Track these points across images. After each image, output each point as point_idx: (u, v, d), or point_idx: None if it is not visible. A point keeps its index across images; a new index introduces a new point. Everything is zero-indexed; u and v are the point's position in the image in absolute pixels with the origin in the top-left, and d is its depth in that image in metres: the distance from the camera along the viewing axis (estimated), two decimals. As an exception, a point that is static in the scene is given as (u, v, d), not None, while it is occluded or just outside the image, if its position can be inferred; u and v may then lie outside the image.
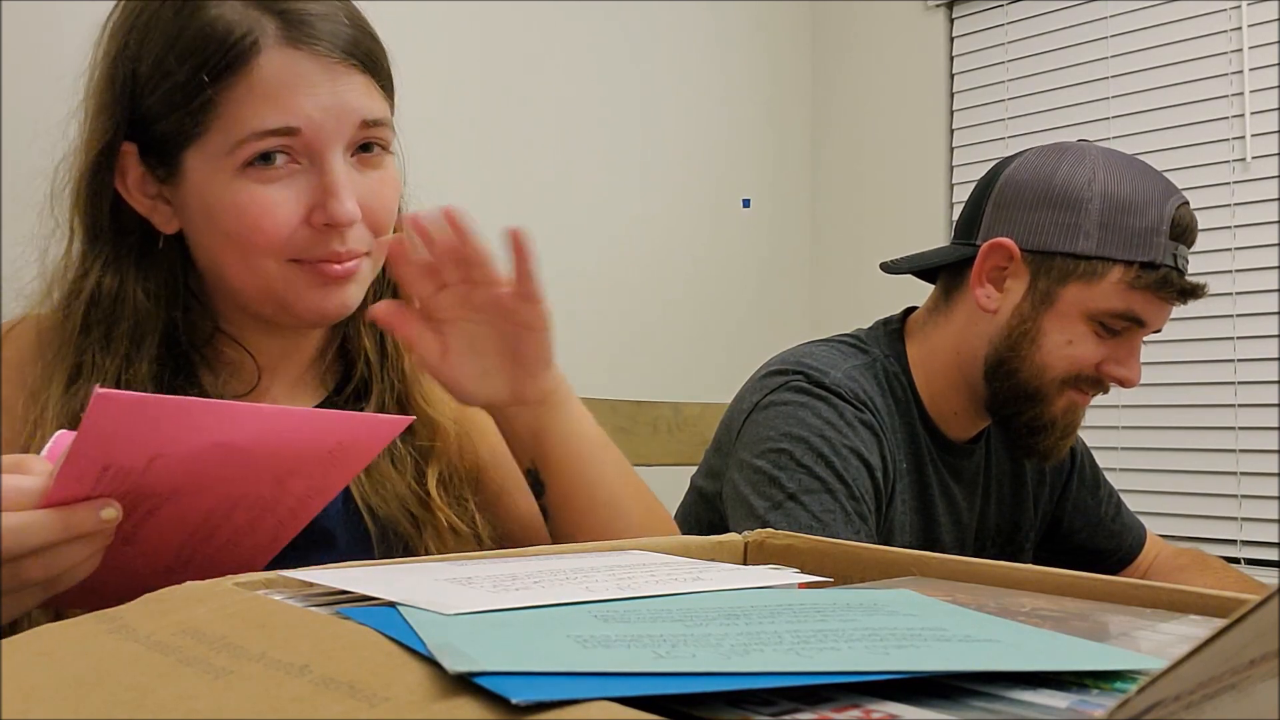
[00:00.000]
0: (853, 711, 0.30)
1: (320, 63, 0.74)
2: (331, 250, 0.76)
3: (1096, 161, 1.12)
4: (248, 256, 0.76)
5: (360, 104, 0.76)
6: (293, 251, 0.76)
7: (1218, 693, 0.24)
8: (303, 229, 0.75)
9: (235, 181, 0.74)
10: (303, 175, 0.75)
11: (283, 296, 0.77)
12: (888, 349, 1.21)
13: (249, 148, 0.73)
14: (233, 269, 0.77)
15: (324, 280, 0.77)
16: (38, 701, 0.32)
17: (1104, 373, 1.13)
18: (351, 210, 0.75)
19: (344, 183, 0.75)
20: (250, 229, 0.74)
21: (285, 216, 0.74)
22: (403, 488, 0.82)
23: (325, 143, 0.74)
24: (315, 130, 0.74)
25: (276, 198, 0.74)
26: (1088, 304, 1.10)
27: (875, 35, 2.65)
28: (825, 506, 1.04)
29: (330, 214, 0.74)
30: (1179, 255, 1.09)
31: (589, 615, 0.39)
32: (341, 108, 0.75)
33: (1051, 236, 1.11)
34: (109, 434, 0.52)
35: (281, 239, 0.75)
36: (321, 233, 0.75)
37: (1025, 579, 0.51)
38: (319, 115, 0.74)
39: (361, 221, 0.77)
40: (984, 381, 1.16)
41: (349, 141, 0.76)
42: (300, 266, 0.76)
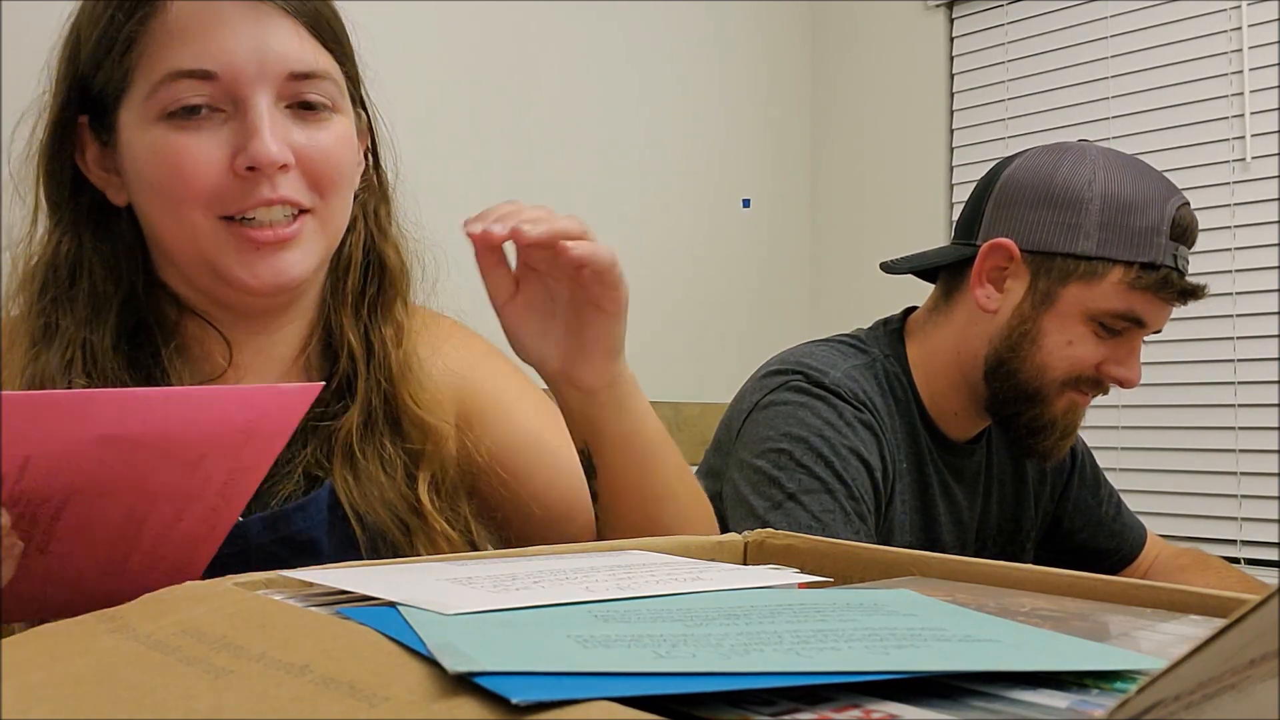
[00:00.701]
0: (853, 711, 0.30)
1: (240, 4, 0.71)
2: (261, 196, 0.71)
3: (1097, 162, 1.12)
4: (176, 210, 0.72)
5: (286, 50, 0.72)
6: (220, 205, 0.71)
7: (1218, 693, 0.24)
8: (228, 178, 0.71)
9: (156, 129, 0.71)
10: (226, 123, 0.71)
11: (214, 261, 0.73)
12: (888, 349, 1.21)
13: (166, 91, 0.70)
14: (166, 229, 0.74)
15: (254, 245, 0.72)
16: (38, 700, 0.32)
17: (1104, 373, 1.13)
18: (276, 152, 0.70)
19: (267, 124, 0.71)
20: (170, 175, 0.71)
21: (206, 162, 0.70)
22: (392, 493, 0.78)
23: (246, 86, 0.71)
24: (234, 74, 0.70)
25: (197, 144, 0.71)
26: (1088, 304, 1.10)
27: (875, 35, 2.65)
28: (825, 506, 1.05)
29: (251, 154, 0.70)
30: (1179, 256, 1.09)
31: (589, 615, 0.39)
32: (264, 52, 0.71)
33: (1052, 237, 1.11)
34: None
35: (205, 188, 0.71)
36: (246, 179, 0.71)
37: (1025, 579, 0.51)
38: (237, 58, 0.70)
39: (298, 171, 0.73)
40: (984, 382, 1.16)
41: (278, 92, 0.72)
42: (230, 228, 0.72)
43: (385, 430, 0.80)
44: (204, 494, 0.58)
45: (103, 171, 0.77)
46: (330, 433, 0.79)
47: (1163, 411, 2.15)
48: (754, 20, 2.63)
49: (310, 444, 0.78)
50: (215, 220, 0.72)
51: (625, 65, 2.36)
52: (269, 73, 0.72)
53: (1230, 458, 2.06)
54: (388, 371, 0.82)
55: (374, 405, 0.81)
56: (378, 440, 0.80)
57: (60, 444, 0.51)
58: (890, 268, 1.26)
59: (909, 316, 1.26)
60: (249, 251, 0.72)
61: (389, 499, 0.78)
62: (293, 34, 0.73)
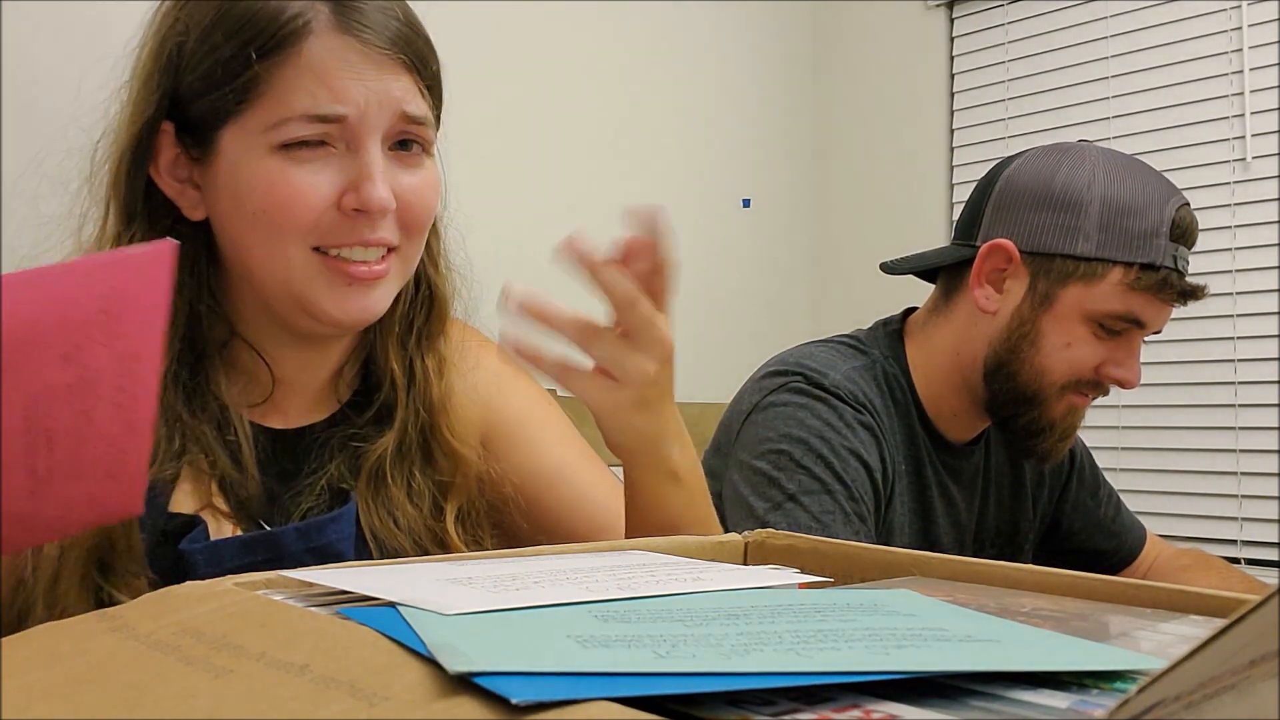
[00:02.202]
0: (853, 711, 0.30)
1: (368, 52, 0.73)
2: (360, 235, 0.73)
3: (1096, 163, 1.12)
4: (273, 239, 0.73)
5: (403, 96, 0.75)
6: (318, 237, 0.73)
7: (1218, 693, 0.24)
8: (331, 213, 0.73)
9: (269, 160, 0.73)
10: (337, 159, 0.73)
11: (302, 292, 0.74)
12: (887, 350, 1.21)
13: (291, 128, 0.72)
14: (256, 254, 0.75)
15: (347, 280, 0.74)
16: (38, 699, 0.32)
17: (1103, 374, 1.12)
18: (385, 197, 0.73)
19: (380, 169, 0.73)
20: (278, 207, 0.72)
21: (315, 197, 0.72)
22: (418, 523, 0.79)
23: (366, 130, 0.73)
24: (359, 117, 0.73)
25: (309, 179, 0.72)
26: (1087, 305, 1.10)
27: (875, 35, 2.65)
28: (824, 507, 1.04)
29: (363, 197, 0.72)
30: (1179, 257, 1.09)
31: (589, 615, 0.39)
32: (385, 97, 0.74)
33: (1051, 238, 1.11)
34: None
35: (309, 220, 0.72)
36: (350, 218, 0.73)
37: (1025, 579, 0.51)
38: (364, 104, 0.73)
39: (394, 215, 0.75)
40: (983, 383, 1.16)
41: (388, 131, 0.75)
42: (324, 261, 0.74)
43: (417, 459, 0.82)
44: (100, 391, 0.55)
45: (177, 181, 0.77)
46: (359, 454, 0.80)
47: (1163, 411, 2.15)
48: (754, 20, 2.63)
49: (336, 459, 0.80)
50: (309, 251, 0.74)
51: (625, 66, 2.36)
52: (385, 116, 0.74)
53: (1230, 458, 2.06)
54: (428, 402, 0.83)
55: (410, 434, 0.82)
56: (407, 469, 0.81)
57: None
58: (890, 268, 1.26)
59: (909, 317, 1.26)
60: (340, 286, 0.74)
61: (414, 528, 0.79)
62: (410, 86, 0.76)
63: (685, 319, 2.81)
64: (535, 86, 2.20)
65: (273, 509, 0.78)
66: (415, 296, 0.84)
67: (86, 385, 0.54)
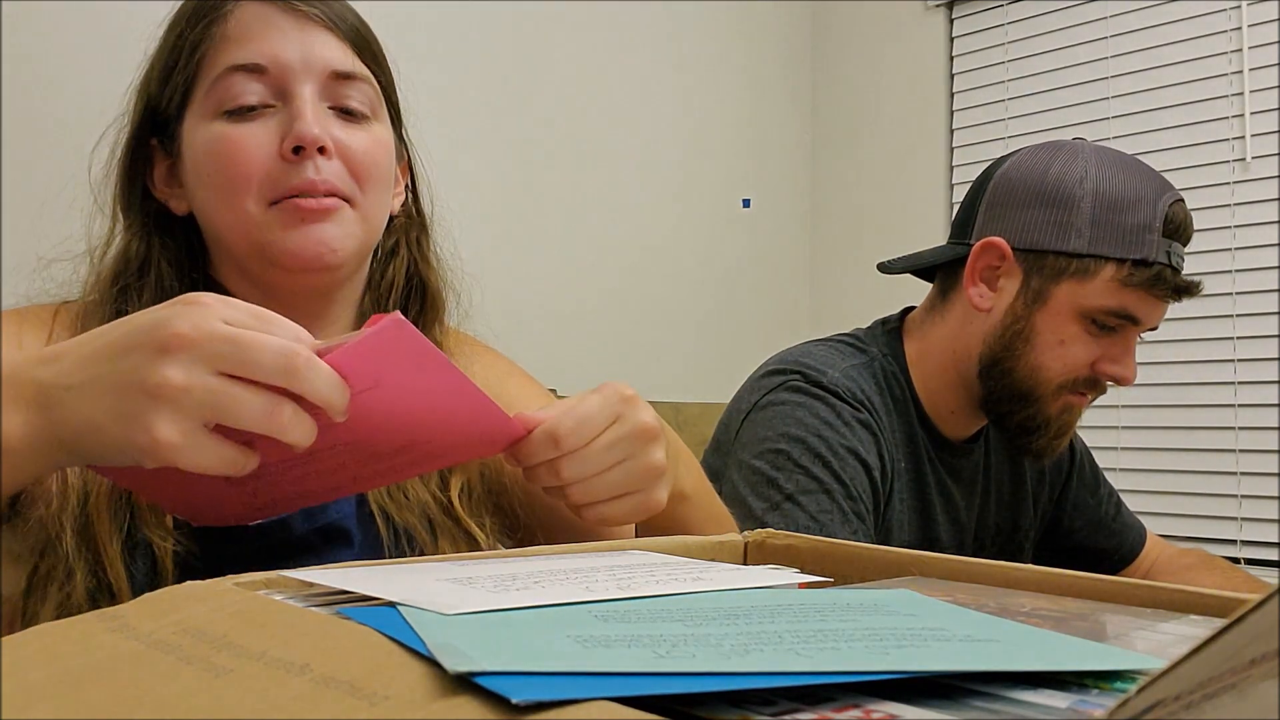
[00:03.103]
0: (853, 711, 0.30)
1: (291, 15, 0.80)
2: (305, 179, 0.77)
3: (1089, 159, 1.12)
4: (230, 199, 0.78)
5: (328, 53, 0.80)
6: (271, 189, 0.77)
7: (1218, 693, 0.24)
8: (275, 162, 0.77)
9: (214, 126, 0.78)
10: (275, 115, 0.78)
11: (263, 242, 0.78)
12: (886, 348, 1.21)
13: (222, 85, 0.78)
14: (221, 219, 0.79)
15: (299, 216, 0.77)
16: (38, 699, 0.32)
17: (1099, 371, 1.12)
18: (318, 132, 0.77)
19: (310, 108, 0.78)
20: (226, 165, 0.77)
21: (256, 148, 0.77)
22: (425, 494, 0.81)
23: (293, 80, 0.78)
24: (281, 69, 0.78)
25: (249, 134, 0.77)
26: (1080, 302, 1.10)
27: (875, 35, 2.65)
28: (822, 507, 1.04)
29: (296, 134, 0.76)
30: (1173, 253, 1.09)
31: (589, 615, 0.39)
32: (309, 51, 0.79)
33: (1044, 235, 1.11)
34: (378, 356, 0.53)
35: (256, 172, 0.77)
36: (293, 162, 0.77)
37: (1025, 579, 0.51)
38: (285, 54, 0.78)
39: (339, 162, 0.78)
40: (979, 380, 1.16)
41: (321, 87, 0.79)
42: (278, 209, 0.78)
43: None
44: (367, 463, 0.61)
45: (166, 187, 0.84)
46: None
47: (1163, 411, 2.15)
48: (754, 20, 2.63)
49: None
50: (265, 206, 0.78)
51: (625, 66, 2.36)
52: (313, 69, 0.79)
53: (1230, 458, 2.06)
54: None
55: None
56: None
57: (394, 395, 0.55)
58: (887, 268, 1.26)
59: (907, 316, 1.26)
60: (294, 225, 0.78)
61: (421, 499, 0.81)
62: (334, 41, 0.81)
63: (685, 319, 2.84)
64: (535, 87, 2.20)
65: None
66: (407, 289, 0.88)
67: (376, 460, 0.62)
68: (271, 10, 0.80)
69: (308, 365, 0.53)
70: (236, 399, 0.52)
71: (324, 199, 0.78)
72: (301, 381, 0.53)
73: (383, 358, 0.54)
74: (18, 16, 1.54)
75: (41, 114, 1.55)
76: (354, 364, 0.54)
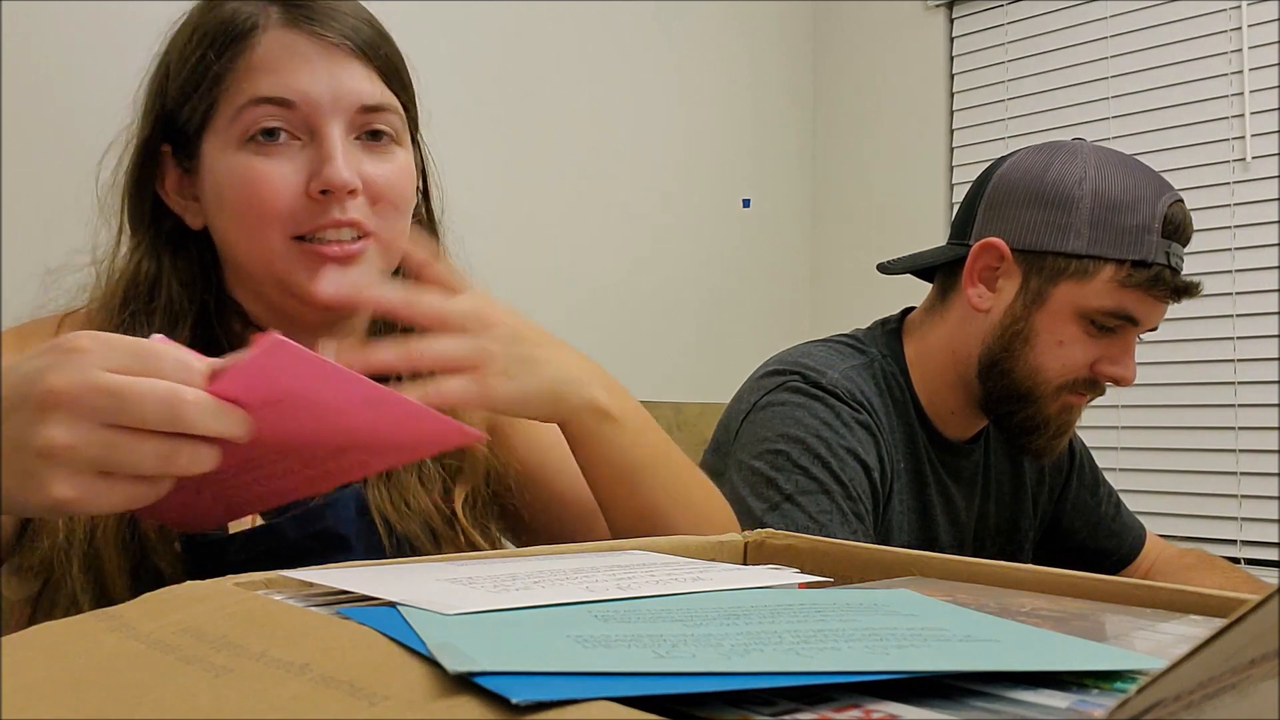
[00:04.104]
0: (853, 711, 0.30)
1: (319, 44, 0.78)
2: (331, 218, 0.76)
3: (1088, 160, 1.12)
4: (253, 232, 0.77)
5: (358, 87, 0.78)
6: (295, 226, 0.77)
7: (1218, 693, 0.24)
8: (302, 200, 0.76)
9: (238, 155, 0.77)
10: (302, 150, 0.77)
11: (284, 277, 0.78)
12: (885, 349, 1.21)
13: (247, 115, 0.76)
14: (242, 248, 0.79)
15: (322, 262, 0.77)
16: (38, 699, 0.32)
17: (1098, 372, 1.12)
18: (348, 176, 0.76)
19: (340, 150, 0.77)
20: (251, 199, 0.76)
21: (284, 186, 0.76)
22: (428, 504, 0.81)
23: (322, 117, 0.77)
24: (311, 105, 0.77)
25: (276, 169, 0.76)
26: (1079, 303, 1.10)
27: (875, 35, 2.65)
28: (822, 507, 1.04)
29: (325, 178, 0.76)
30: (1172, 253, 1.09)
31: (589, 615, 0.39)
32: (338, 86, 0.78)
33: (1042, 236, 1.11)
34: (269, 374, 0.53)
35: (281, 209, 0.76)
36: (319, 202, 0.76)
37: (1025, 579, 0.51)
38: (315, 90, 0.77)
39: (364, 197, 0.78)
40: (978, 381, 1.16)
41: (349, 122, 0.78)
42: (301, 247, 0.77)
43: None
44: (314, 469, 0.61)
45: (181, 198, 0.82)
46: None
47: (1163, 411, 2.15)
48: (754, 20, 2.63)
49: None
50: (288, 240, 0.77)
51: (625, 65, 2.36)
52: (342, 105, 0.78)
53: (1230, 458, 2.06)
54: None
55: None
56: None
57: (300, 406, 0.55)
58: (887, 268, 1.26)
59: (907, 316, 1.26)
60: (317, 267, 0.77)
61: (423, 508, 0.81)
62: (364, 73, 0.80)
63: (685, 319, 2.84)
64: (535, 88, 2.20)
65: None
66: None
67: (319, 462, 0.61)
68: (299, 39, 0.78)
69: (194, 407, 0.51)
70: (126, 449, 0.51)
71: (349, 246, 0.77)
72: (188, 424, 0.51)
73: (274, 375, 0.53)
74: (21, 18, 1.54)
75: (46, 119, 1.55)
76: (246, 383, 0.53)
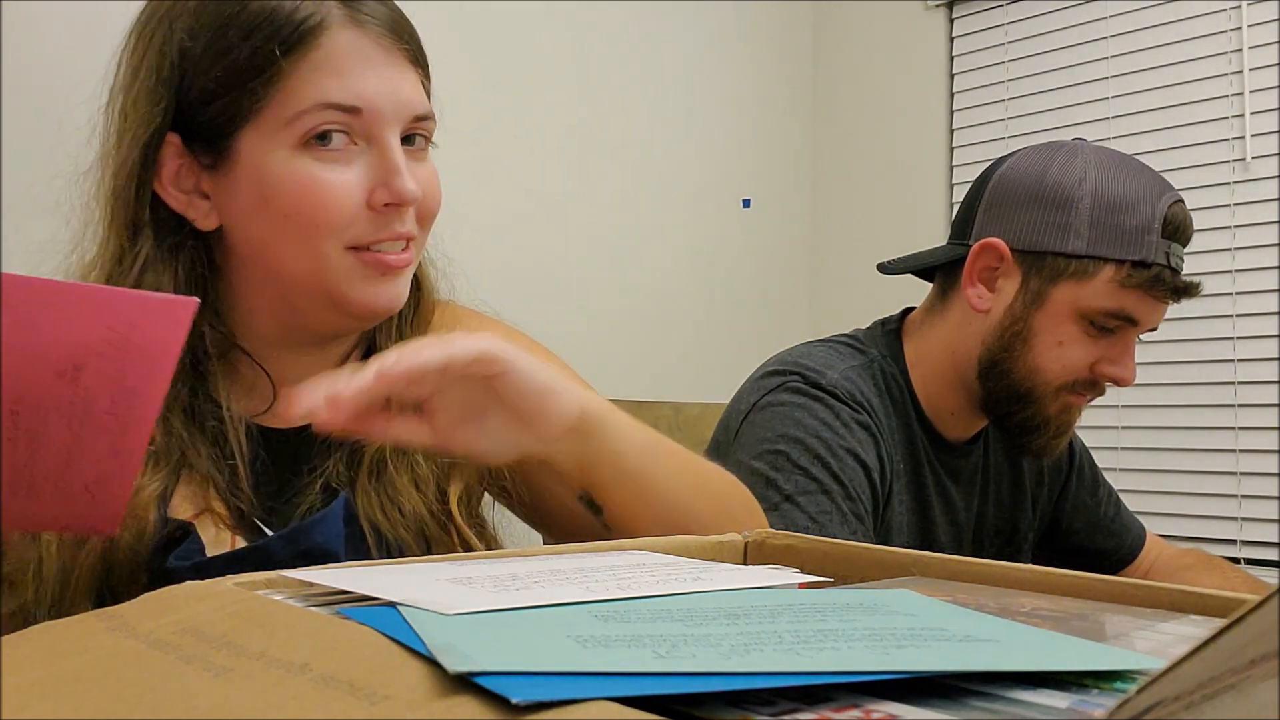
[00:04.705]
0: (853, 711, 0.30)
1: (380, 45, 0.76)
2: (393, 230, 0.75)
3: (1088, 160, 1.12)
4: (309, 240, 0.74)
5: (414, 95, 0.77)
6: (353, 236, 0.75)
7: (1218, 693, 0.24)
8: (363, 211, 0.75)
9: (295, 159, 0.73)
10: (361, 156, 0.75)
11: (337, 287, 0.75)
12: (885, 349, 1.21)
13: (310, 119, 0.73)
14: (288, 255, 0.75)
15: (382, 270, 0.76)
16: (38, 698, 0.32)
17: (1098, 373, 1.12)
18: (414, 189, 0.75)
19: (404, 163, 0.75)
20: (314, 208, 0.73)
21: (347, 197, 0.74)
22: (423, 509, 0.79)
23: (383, 125, 0.75)
24: (375, 112, 0.75)
25: (340, 177, 0.74)
26: (1079, 303, 1.10)
27: (875, 35, 2.65)
28: (821, 508, 1.04)
29: (396, 191, 0.74)
30: (1172, 254, 1.09)
31: (589, 615, 0.39)
32: (398, 94, 0.76)
33: (1042, 236, 1.11)
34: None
35: (343, 219, 0.74)
36: (382, 214, 0.75)
37: (1025, 579, 0.51)
38: (380, 98, 0.75)
39: (412, 207, 0.77)
40: (978, 381, 1.16)
41: (403, 130, 0.77)
42: (359, 256, 0.75)
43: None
44: (93, 412, 0.57)
45: (182, 193, 0.77)
46: (359, 447, 0.79)
47: (1163, 411, 2.15)
48: (754, 20, 2.63)
49: (335, 456, 0.79)
50: (343, 250, 0.75)
51: (625, 65, 2.36)
52: (400, 114, 0.76)
53: (1230, 458, 2.06)
54: None
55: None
56: (411, 455, 0.80)
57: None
58: (887, 268, 1.26)
59: (907, 317, 1.26)
60: (374, 278, 0.76)
61: (419, 515, 0.78)
62: (415, 79, 0.78)
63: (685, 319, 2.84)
64: (535, 86, 2.20)
65: (272, 511, 0.78)
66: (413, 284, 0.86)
67: (80, 404, 0.56)
68: (365, 41, 0.75)
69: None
70: None
71: (403, 254, 0.77)
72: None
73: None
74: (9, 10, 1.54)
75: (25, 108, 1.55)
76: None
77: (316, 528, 0.73)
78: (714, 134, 2.53)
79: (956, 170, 2.52)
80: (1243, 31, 2.08)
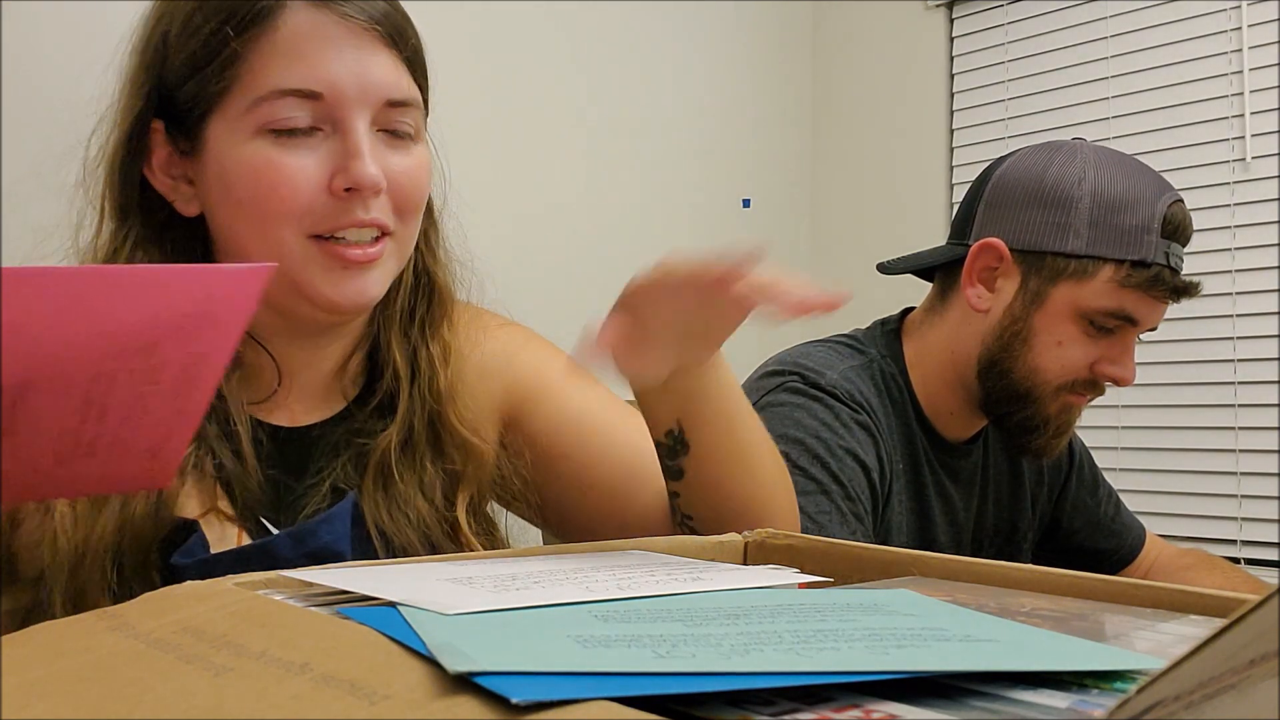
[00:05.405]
0: (853, 711, 0.30)
1: (347, 26, 0.72)
2: (355, 217, 0.72)
3: (1088, 160, 1.12)
4: (265, 227, 0.72)
5: (386, 79, 0.74)
6: (312, 223, 0.72)
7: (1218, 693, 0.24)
8: (323, 197, 0.72)
9: (252, 144, 0.71)
10: (324, 142, 0.72)
11: (298, 278, 0.73)
12: (885, 349, 1.21)
13: (268, 106, 0.71)
14: (250, 244, 0.73)
15: (343, 264, 0.73)
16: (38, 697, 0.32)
17: (1098, 373, 1.12)
18: (375, 174, 0.72)
19: (368, 146, 0.72)
20: (267, 193, 0.71)
21: (305, 181, 0.71)
22: (430, 516, 0.78)
23: (349, 109, 0.72)
24: (338, 96, 0.72)
25: (297, 162, 0.71)
26: (1079, 303, 1.10)
27: (875, 35, 2.65)
28: (821, 508, 1.04)
29: (353, 176, 0.71)
30: (1171, 253, 1.09)
31: (589, 615, 0.39)
32: (366, 77, 0.73)
33: (1042, 236, 1.11)
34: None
35: (300, 205, 0.71)
36: (342, 200, 0.72)
37: (1025, 579, 0.51)
38: (343, 81, 0.72)
39: (386, 196, 0.74)
40: (977, 381, 1.16)
41: (374, 117, 0.74)
42: (320, 246, 0.73)
43: (426, 451, 0.80)
44: (162, 379, 0.57)
45: (169, 179, 0.76)
46: (365, 450, 0.79)
47: (1163, 411, 2.15)
48: (754, 20, 2.63)
49: (342, 458, 0.79)
50: (304, 238, 0.73)
51: (626, 65, 2.36)
52: (370, 98, 0.73)
53: (1230, 458, 2.06)
54: (435, 391, 0.81)
55: (416, 426, 0.80)
56: (418, 462, 0.80)
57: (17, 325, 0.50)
58: (887, 268, 1.26)
59: (906, 317, 1.26)
60: (337, 270, 0.73)
61: (425, 519, 0.78)
62: (391, 64, 0.75)
63: (685, 319, 2.74)
64: (536, 84, 2.20)
65: (278, 510, 0.77)
66: (415, 286, 0.84)
67: (151, 373, 0.56)
68: (327, 20, 0.72)
69: None
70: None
71: (369, 248, 0.73)
72: None
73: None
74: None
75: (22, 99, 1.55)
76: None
77: (323, 528, 0.73)
78: (714, 134, 2.53)
79: (956, 170, 2.52)
80: (1243, 31, 2.08)
